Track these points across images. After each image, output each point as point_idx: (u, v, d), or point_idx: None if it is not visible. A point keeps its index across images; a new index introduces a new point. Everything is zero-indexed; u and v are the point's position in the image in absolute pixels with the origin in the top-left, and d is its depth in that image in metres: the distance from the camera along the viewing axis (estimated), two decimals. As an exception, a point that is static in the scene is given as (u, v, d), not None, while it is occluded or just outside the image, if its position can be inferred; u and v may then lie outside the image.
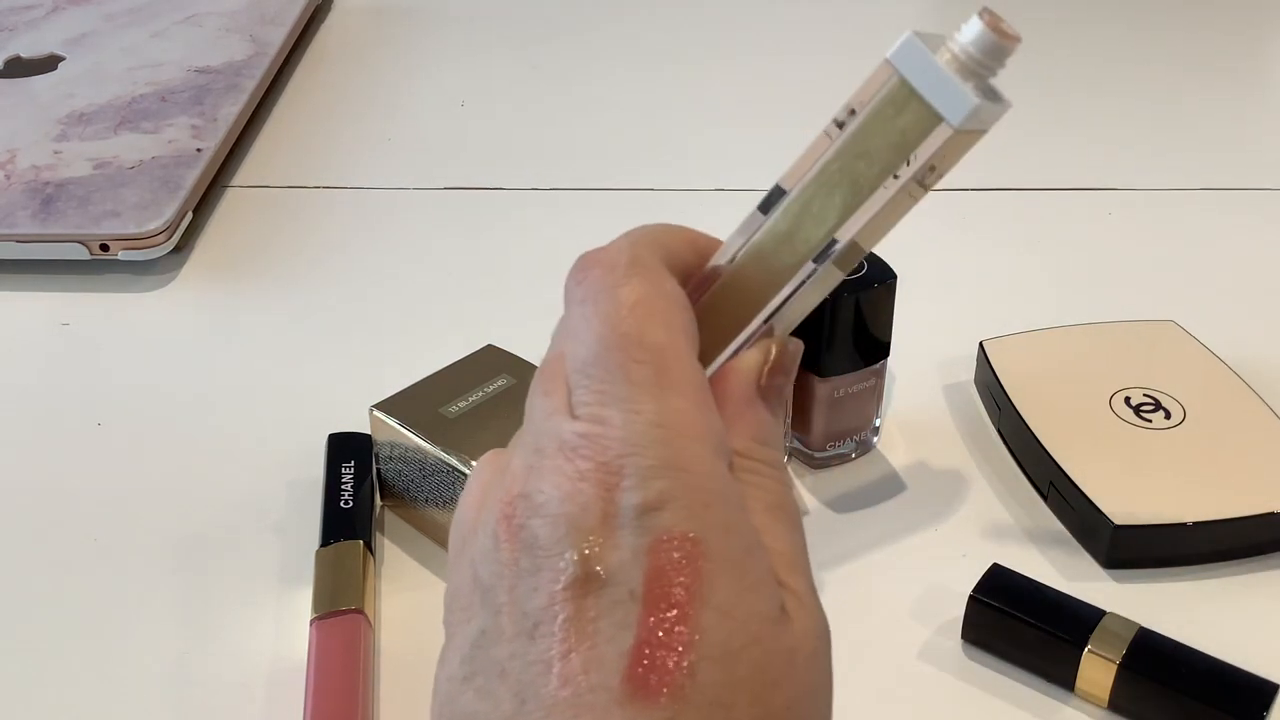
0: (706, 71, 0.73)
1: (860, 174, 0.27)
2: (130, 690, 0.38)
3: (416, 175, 0.64)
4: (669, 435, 0.25)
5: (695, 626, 0.23)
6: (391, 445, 0.42)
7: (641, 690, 0.23)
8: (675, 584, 0.24)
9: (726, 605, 0.24)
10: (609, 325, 0.26)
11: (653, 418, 0.25)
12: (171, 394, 0.50)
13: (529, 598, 0.24)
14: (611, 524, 0.24)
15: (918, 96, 0.26)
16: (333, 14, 0.80)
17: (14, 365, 0.52)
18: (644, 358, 0.26)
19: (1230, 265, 0.56)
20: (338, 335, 0.53)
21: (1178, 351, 0.46)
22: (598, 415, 0.25)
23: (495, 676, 0.25)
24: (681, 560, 0.24)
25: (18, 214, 0.56)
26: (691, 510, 0.24)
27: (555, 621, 0.24)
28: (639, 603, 0.24)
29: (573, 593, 0.24)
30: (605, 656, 0.23)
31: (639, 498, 0.24)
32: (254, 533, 0.43)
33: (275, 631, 0.39)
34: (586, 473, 0.25)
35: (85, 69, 0.68)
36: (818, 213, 0.27)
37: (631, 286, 0.26)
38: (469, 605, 0.26)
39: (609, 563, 0.24)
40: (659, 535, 0.24)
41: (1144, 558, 0.40)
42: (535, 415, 0.27)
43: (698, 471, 0.25)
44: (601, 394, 0.25)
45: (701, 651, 0.23)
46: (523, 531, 0.25)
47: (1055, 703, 0.37)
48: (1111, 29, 0.77)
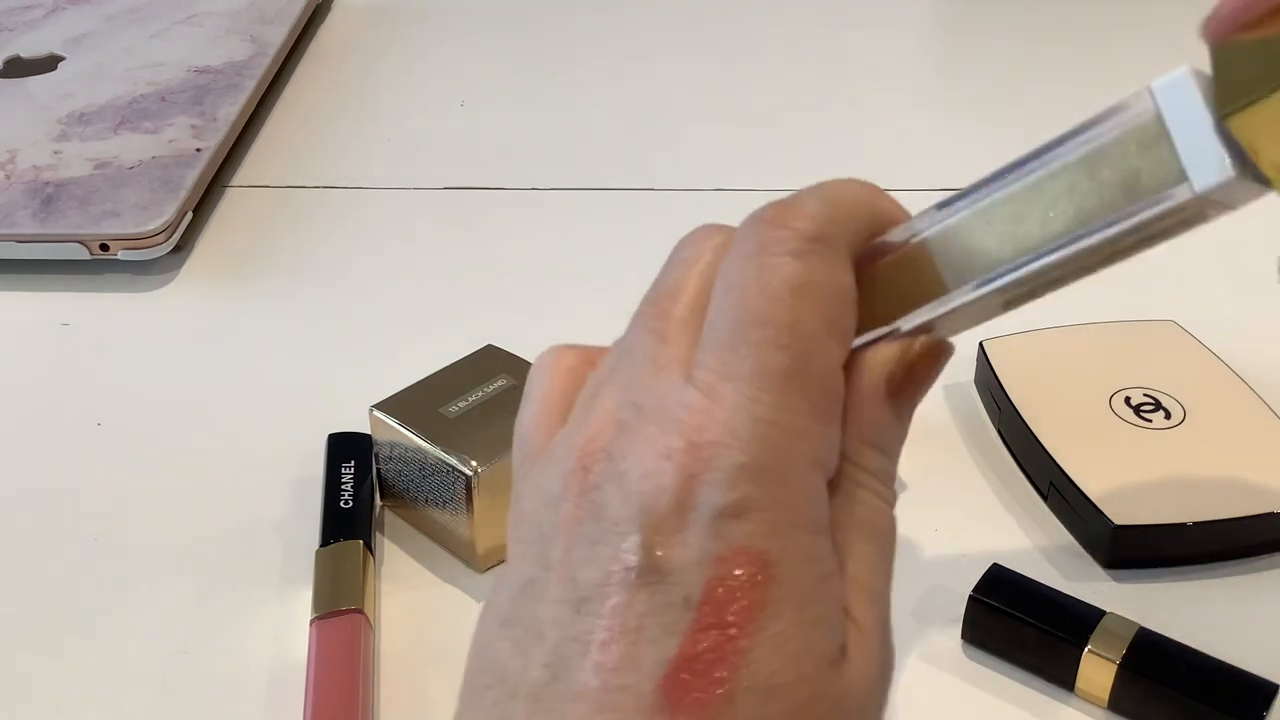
0: (707, 71, 0.73)
1: (1085, 202, 0.23)
2: (130, 690, 0.38)
3: (416, 175, 0.64)
4: (776, 436, 0.23)
5: (744, 652, 0.22)
6: (391, 445, 0.42)
7: (673, 704, 0.22)
8: (735, 602, 0.22)
9: (783, 637, 0.22)
10: (766, 297, 0.24)
11: (767, 413, 0.23)
12: (171, 394, 0.50)
13: (583, 567, 0.23)
14: (685, 517, 0.23)
15: (1169, 142, 0.23)
16: (333, 14, 0.80)
17: (14, 365, 0.52)
18: (789, 344, 0.23)
19: (1230, 265, 0.56)
20: (338, 335, 0.53)
21: (1178, 351, 0.46)
22: (713, 389, 0.23)
23: (533, 636, 0.23)
24: (748, 579, 0.22)
25: (18, 214, 0.56)
26: (774, 528, 0.23)
27: (604, 603, 0.23)
28: (693, 611, 0.22)
29: (627, 579, 0.22)
30: (644, 658, 0.22)
31: (721, 499, 0.22)
32: (254, 533, 0.43)
33: (275, 631, 0.39)
34: (674, 452, 0.23)
35: (85, 69, 0.68)
36: (1015, 225, 0.24)
37: (807, 265, 0.24)
38: (525, 542, 0.25)
39: (672, 560, 0.22)
40: (731, 545, 0.22)
41: (1144, 558, 0.40)
42: (642, 353, 0.25)
43: (792, 486, 0.23)
44: (726, 366, 0.23)
45: (744, 680, 0.22)
46: (595, 493, 0.24)
47: (1055, 703, 0.37)
48: (1110, 27, 0.77)
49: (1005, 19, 0.78)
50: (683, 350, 0.24)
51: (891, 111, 0.68)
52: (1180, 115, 0.22)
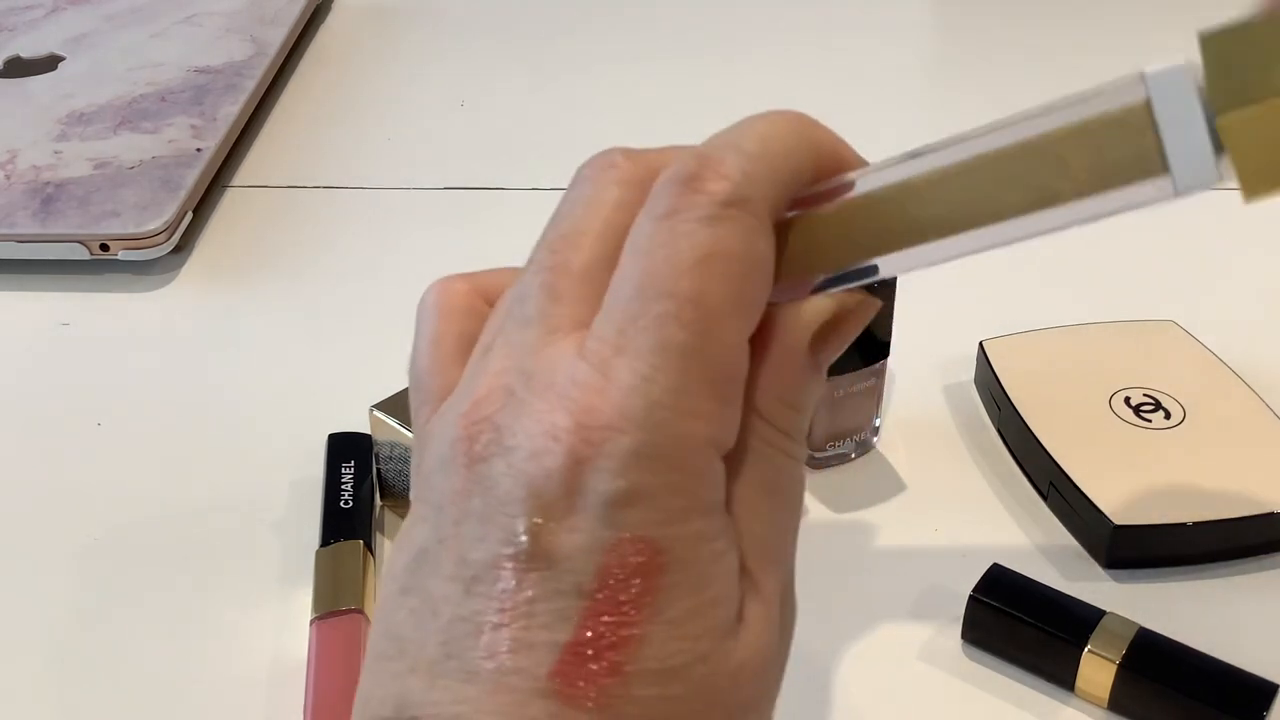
0: (707, 71, 0.73)
1: (1046, 179, 0.22)
2: (130, 690, 0.38)
3: (416, 175, 0.64)
4: (671, 419, 0.22)
5: (639, 638, 0.22)
6: (391, 445, 0.42)
7: (568, 690, 0.21)
8: (628, 589, 0.22)
9: (678, 621, 0.22)
10: (671, 267, 0.22)
11: (662, 394, 0.22)
12: (171, 394, 0.50)
13: (473, 545, 0.22)
14: (574, 503, 0.22)
15: (1156, 136, 0.21)
16: (333, 14, 0.80)
17: (14, 365, 0.52)
18: (690, 320, 0.22)
19: (1230, 265, 0.56)
20: (338, 335, 0.53)
21: (1178, 351, 0.46)
22: (606, 364, 0.22)
23: (428, 609, 0.23)
24: (640, 566, 0.22)
25: (18, 214, 0.56)
26: (666, 514, 0.22)
27: (493, 585, 0.22)
28: (585, 598, 0.22)
29: (517, 564, 0.22)
30: (537, 643, 0.22)
31: (611, 486, 0.22)
32: (254, 533, 0.43)
33: (275, 631, 0.39)
34: (562, 432, 0.22)
35: (85, 69, 0.68)
36: (972, 193, 0.23)
37: (718, 233, 0.22)
38: (424, 502, 0.24)
39: (561, 546, 0.22)
40: (622, 533, 0.22)
41: (1144, 558, 0.40)
42: (535, 307, 0.24)
43: (686, 470, 0.22)
44: (622, 338, 0.22)
45: (640, 664, 0.22)
46: (482, 465, 0.23)
47: (1055, 703, 0.37)
48: (1109, 26, 0.77)
49: (1005, 19, 0.78)
50: (577, 311, 0.23)
51: (891, 111, 0.68)
52: (1171, 107, 0.21)
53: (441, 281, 0.28)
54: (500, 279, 0.28)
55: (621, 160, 0.25)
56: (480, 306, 0.27)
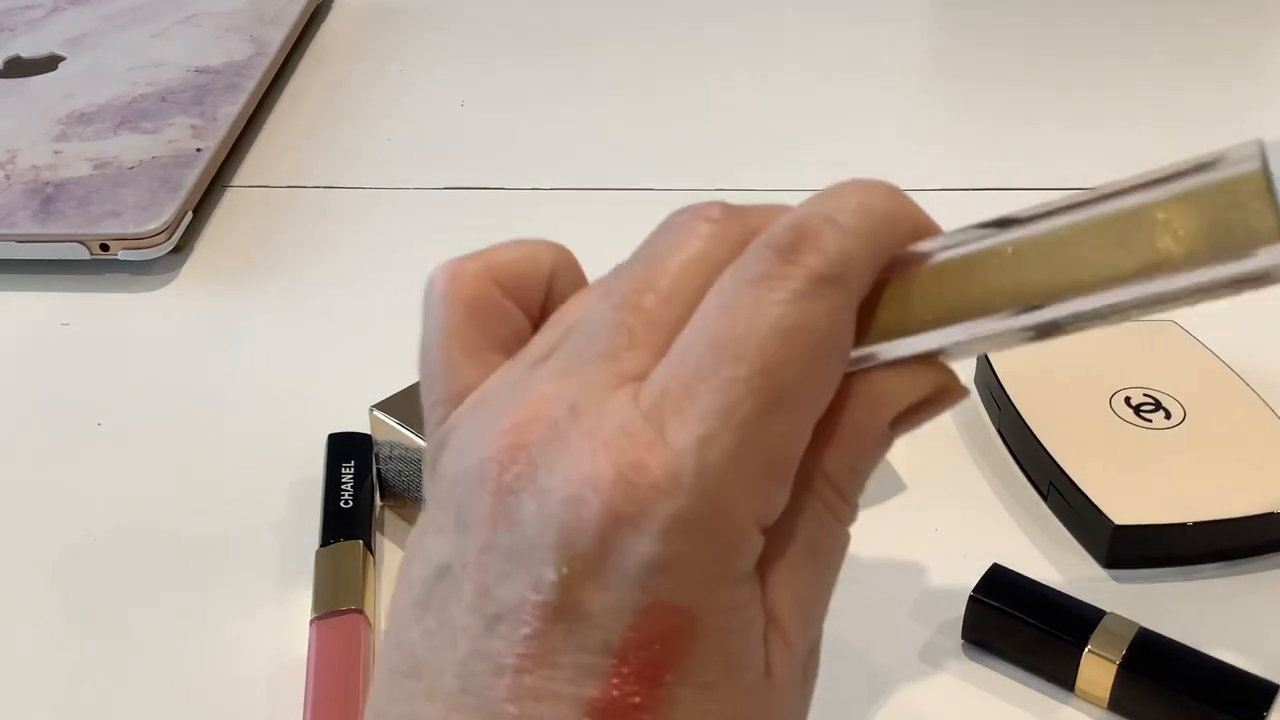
0: (707, 71, 0.73)
1: (1160, 244, 0.21)
2: (130, 690, 0.38)
3: (416, 175, 0.64)
4: (720, 489, 0.21)
5: (667, 700, 0.21)
6: (391, 445, 0.42)
7: None
8: (658, 653, 0.21)
9: (706, 683, 0.22)
10: (752, 332, 0.21)
11: (717, 460, 0.21)
12: (171, 394, 0.50)
13: (497, 582, 0.22)
14: (607, 560, 0.21)
15: (1272, 198, 0.21)
16: (333, 14, 0.80)
17: (14, 365, 0.52)
18: (759, 391, 0.21)
19: (1230, 265, 0.56)
20: (338, 335, 0.53)
21: (1178, 351, 0.46)
22: (661, 420, 0.21)
23: (446, 635, 0.22)
24: (671, 632, 0.21)
25: (18, 214, 0.56)
26: (702, 584, 0.21)
27: (517, 629, 0.21)
28: (613, 657, 0.21)
29: (544, 613, 0.21)
30: (562, 695, 0.21)
31: (649, 550, 0.21)
32: (254, 533, 0.43)
33: (275, 631, 0.39)
34: (604, 484, 0.21)
35: (85, 69, 0.68)
36: (1079, 258, 0.22)
37: (806, 307, 0.21)
38: (444, 509, 0.23)
39: (592, 602, 0.21)
40: (655, 599, 0.21)
41: (1144, 558, 0.40)
42: (604, 343, 0.22)
43: (726, 541, 0.21)
44: (685, 395, 0.21)
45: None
46: (511, 498, 0.22)
47: (1055, 703, 0.37)
48: (1108, 26, 0.77)
49: (1005, 19, 0.78)
50: (645, 359, 0.22)
51: (892, 111, 0.68)
52: None
53: (452, 264, 0.27)
54: (513, 260, 0.27)
55: (719, 214, 0.24)
56: (497, 298, 0.26)
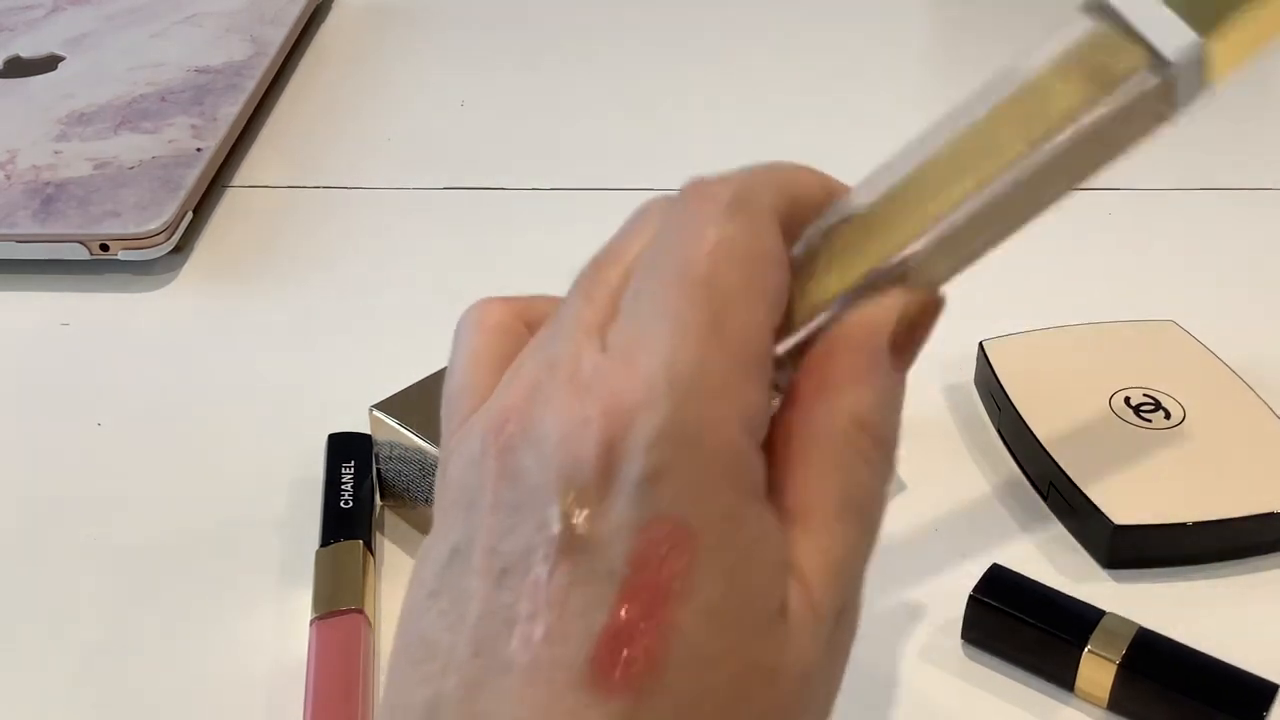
0: (707, 71, 0.73)
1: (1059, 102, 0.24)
2: (130, 690, 0.38)
3: (416, 175, 0.64)
4: (695, 396, 0.22)
5: (672, 625, 0.21)
6: (391, 445, 0.42)
7: (604, 679, 0.21)
8: (660, 574, 0.21)
9: (711, 606, 0.22)
10: (682, 260, 0.23)
11: (684, 370, 0.22)
12: (171, 394, 0.50)
13: (505, 536, 0.23)
14: (607, 486, 0.22)
15: (1133, 32, 0.23)
16: (333, 14, 0.80)
17: (14, 365, 0.52)
18: (703, 301, 0.23)
19: (1230, 265, 0.56)
20: (338, 335, 0.53)
21: (1178, 351, 0.46)
22: (628, 352, 0.23)
23: (458, 610, 0.23)
24: (670, 548, 0.22)
25: (18, 214, 0.56)
26: (693, 493, 0.22)
27: (526, 575, 0.22)
28: (617, 586, 0.22)
29: (550, 551, 0.22)
30: (572, 632, 0.21)
31: (641, 465, 0.22)
32: (254, 533, 0.43)
33: (275, 631, 0.39)
34: (592, 418, 0.22)
35: (85, 69, 0.68)
36: (978, 155, 0.24)
37: (722, 227, 0.24)
38: (452, 507, 0.24)
39: (596, 531, 0.22)
40: (652, 514, 0.22)
41: (1144, 558, 0.40)
42: (566, 316, 0.25)
43: (711, 446, 0.22)
44: (641, 331, 0.23)
45: (674, 653, 0.21)
46: (510, 457, 0.23)
47: (1055, 703, 0.37)
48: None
49: (1004, 19, 0.78)
50: (601, 311, 0.24)
51: (891, 111, 0.68)
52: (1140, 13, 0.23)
53: (481, 302, 0.29)
54: (541, 306, 0.29)
55: (660, 200, 0.27)
56: (519, 328, 0.28)
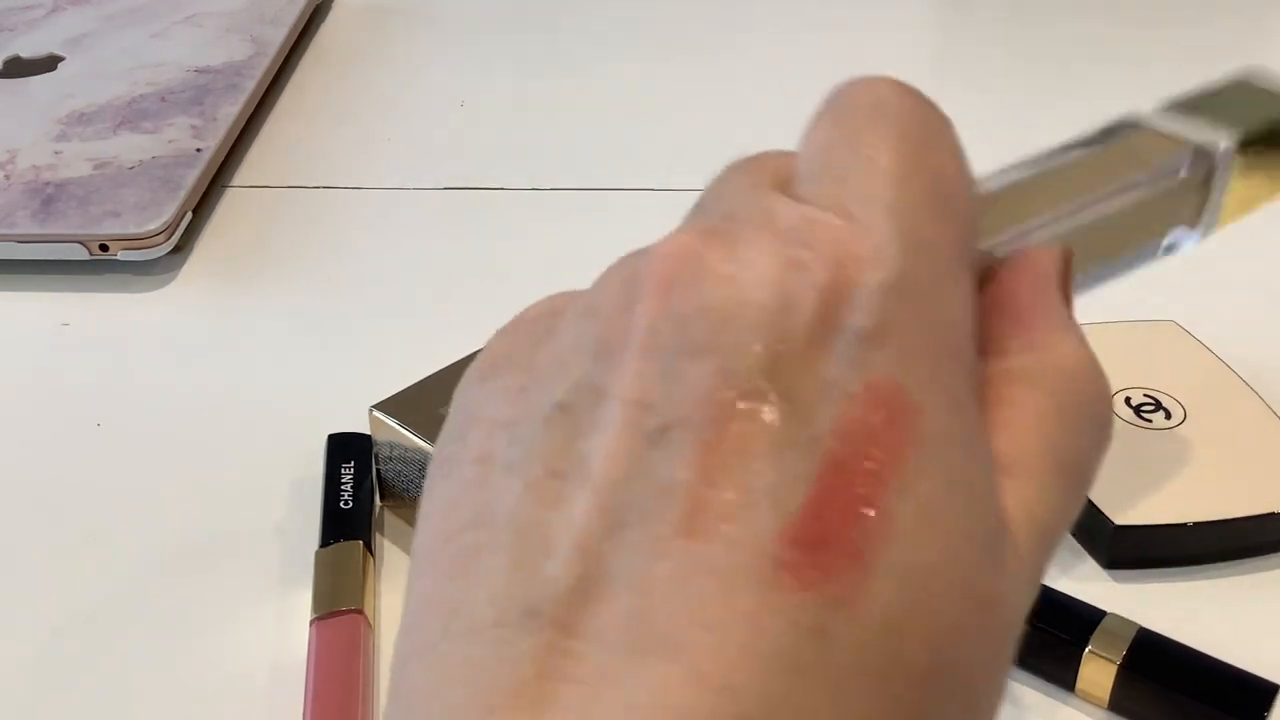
0: (707, 71, 0.73)
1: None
2: (129, 690, 0.38)
3: (416, 175, 0.64)
4: (924, 261, 0.18)
5: (884, 514, 0.16)
6: (391, 445, 0.42)
7: (795, 572, 0.16)
8: (873, 449, 0.17)
9: (928, 502, 0.17)
10: (893, 123, 0.20)
11: (914, 233, 0.18)
12: (171, 394, 0.50)
13: (666, 386, 0.17)
14: (822, 338, 0.17)
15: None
16: (333, 14, 0.80)
17: (14, 365, 0.52)
18: (927, 174, 0.19)
19: (1230, 265, 0.56)
20: (338, 335, 0.53)
21: (1178, 351, 0.46)
22: (840, 207, 0.19)
23: (551, 476, 0.18)
24: (887, 421, 0.17)
25: (18, 214, 0.56)
26: (920, 361, 0.18)
27: (700, 432, 0.17)
28: (820, 456, 0.17)
29: (736, 405, 0.17)
30: (758, 509, 0.16)
31: (864, 323, 0.17)
32: (254, 533, 0.43)
33: (275, 631, 0.39)
34: (808, 263, 0.18)
35: (85, 69, 0.68)
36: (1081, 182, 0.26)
37: (944, 119, 0.21)
38: (548, 362, 0.19)
39: (799, 388, 0.17)
40: (869, 378, 0.17)
41: (1144, 558, 0.40)
42: (726, 190, 0.21)
43: (943, 318, 0.18)
44: (854, 187, 0.19)
45: (885, 551, 0.16)
46: (681, 295, 0.18)
47: (1055, 703, 0.37)
48: (1110, 26, 0.77)
49: (1006, 20, 0.78)
50: (771, 172, 0.21)
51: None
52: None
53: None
54: None
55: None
56: None
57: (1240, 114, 0.28)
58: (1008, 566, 0.18)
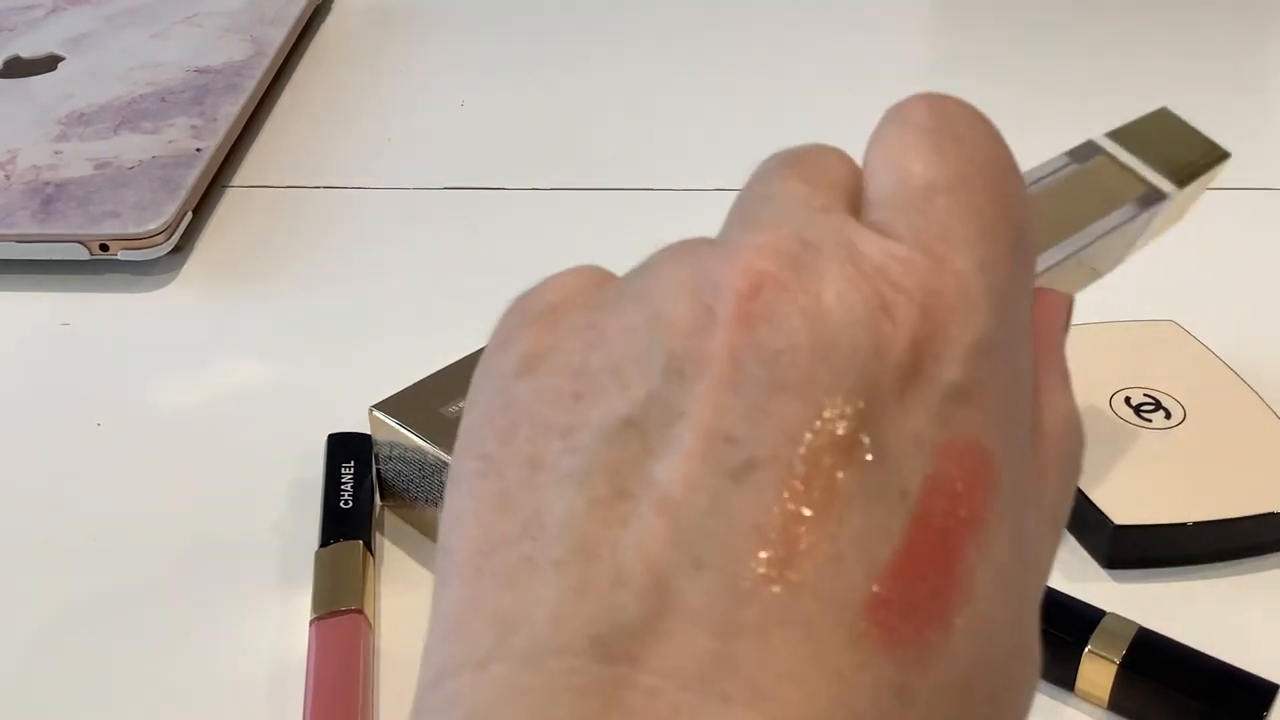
0: (707, 71, 0.73)
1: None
2: (129, 690, 0.38)
3: (416, 175, 0.64)
4: (1008, 315, 0.18)
5: (968, 574, 0.16)
6: (391, 445, 0.42)
7: (882, 633, 0.16)
8: (957, 508, 0.17)
9: (1002, 562, 0.17)
10: (985, 167, 0.19)
11: (1001, 286, 0.18)
12: (171, 394, 0.50)
13: (748, 423, 0.16)
14: (910, 391, 0.17)
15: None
16: (333, 14, 0.80)
17: (14, 365, 0.52)
18: (1012, 219, 0.19)
19: (1230, 265, 0.56)
20: (338, 335, 0.53)
21: (1178, 351, 0.46)
22: (928, 247, 0.18)
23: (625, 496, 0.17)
24: (971, 481, 0.17)
25: (18, 214, 0.56)
26: (1001, 421, 0.17)
27: (786, 473, 0.16)
28: (910, 511, 0.16)
29: (828, 449, 0.16)
30: (848, 565, 0.16)
31: (953, 378, 0.17)
32: (254, 533, 0.43)
33: (275, 631, 0.39)
34: (898, 306, 0.17)
35: (85, 69, 0.68)
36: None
37: (1018, 167, 0.20)
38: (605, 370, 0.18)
39: (890, 441, 0.17)
40: (956, 435, 0.17)
41: (1144, 558, 0.40)
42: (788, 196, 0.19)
43: (1021, 373, 0.18)
44: (937, 227, 0.18)
45: (966, 613, 0.16)
46: (765, 327, 0.17)
47: (1055, 703, 0.37)
48: (1110, 27, 0.77)
49: (1005, 20, 0.78)
50: (839, 203, 0.19)
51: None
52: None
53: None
54: None
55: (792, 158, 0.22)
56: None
57: (1171, 152, 0.30)
58: (1036, 618, 0.18)
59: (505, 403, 0.19)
